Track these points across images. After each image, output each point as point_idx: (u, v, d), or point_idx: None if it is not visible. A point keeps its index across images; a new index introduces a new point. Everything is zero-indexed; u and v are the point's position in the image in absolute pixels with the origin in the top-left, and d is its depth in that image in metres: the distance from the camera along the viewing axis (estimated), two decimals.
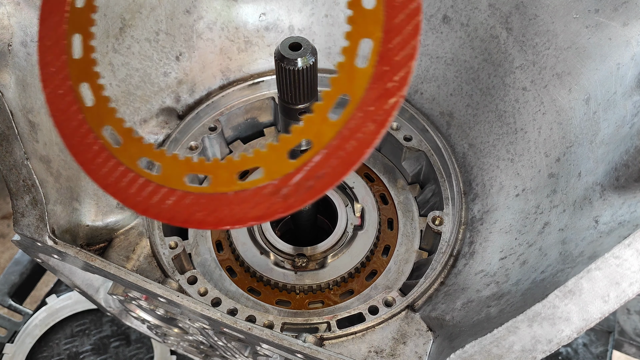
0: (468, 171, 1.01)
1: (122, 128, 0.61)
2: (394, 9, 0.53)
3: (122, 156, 0.60)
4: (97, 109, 0.63)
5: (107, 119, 0.63)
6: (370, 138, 0.54)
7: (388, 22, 0.54)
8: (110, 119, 0.62)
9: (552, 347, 0.58)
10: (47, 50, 0.64)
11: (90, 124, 0.63)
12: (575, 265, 0.65)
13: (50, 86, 0.63)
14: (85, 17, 0.63)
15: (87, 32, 0.63)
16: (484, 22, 0.99)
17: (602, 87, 0.81)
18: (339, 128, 0.55)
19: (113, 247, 0.93)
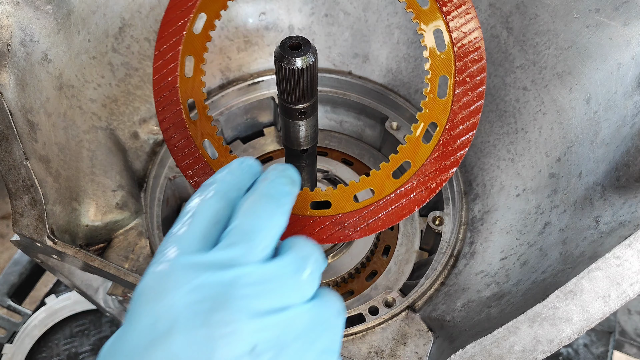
0: (468, 171, 1.01)
1: (219, 145, 0.73)
2: (460, 104, 0.66)
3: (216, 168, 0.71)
4: (199, 123, 0.75)
5: (207, 133, 0.75)
6: (421, 200, 0.67)
7: (454, 114, 0.66)
8: (211, 134, 0.74)
9: (553, 348, 0.58)
10: (161, 66, 0.74)
11: (193, 136, 0.74)
12: (576, 265, 0.65)
13: (160, 97, 0.74)
14: (200, 43, 0.75)
15: (200, 56, 0.75)
16: (484, 22, 0.99)
17: (603, 87, 0.80)
18: (398, 186, 0.68)
19: (112, 247, 0.93)
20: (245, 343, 0.42)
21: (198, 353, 0.40)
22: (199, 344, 0.41)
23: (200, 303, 0.42)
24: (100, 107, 0.97)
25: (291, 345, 0.44)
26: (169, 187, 1.05)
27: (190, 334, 0.41)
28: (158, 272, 0.46)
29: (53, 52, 0.87)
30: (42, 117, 0.84)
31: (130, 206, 0.95)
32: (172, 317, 0.42)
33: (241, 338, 0.42)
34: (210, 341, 0.41)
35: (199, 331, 0.41)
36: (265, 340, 0.43)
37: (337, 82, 1.14)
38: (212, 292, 0.43)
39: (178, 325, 0.41)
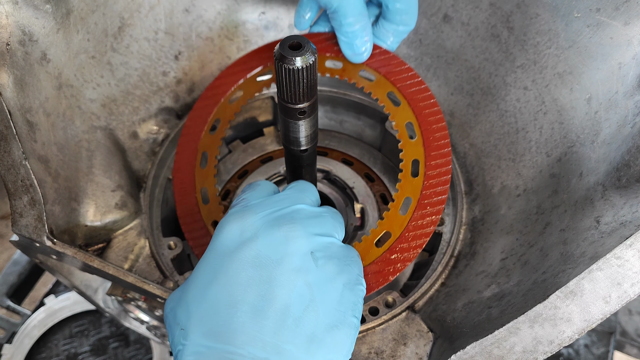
0: (469, 171, 1.01)
1: None
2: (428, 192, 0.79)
3: None
4: (210, 207, 0.90)
5: (216, 215, 0.90)
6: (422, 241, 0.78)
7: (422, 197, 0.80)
8: (219, 216, 0.89)
9: (554, 348, 0.58)
10: (181, 160, 0.91)
11: (204, 219, 0.89)
12: (577, 265, 0.65)
13: (179, 185, 0.91)
14: (214, 142, 0.92)
15: (214, 151, 0.91)
16: (485, 21, 0.98)
17: (604, 86, 0.80)
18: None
19: (112, 247, 0.92)
20: (307, 246, 0.61)
21: (276, 248, 0.60)
22: (276, 243, 0.60)
23: (274, 220, 0.63)
24: (100, 107, 0.97)
25: (335, 258, 0.63)
26: (169, 187, 1.05)
27: (269, 237, 0.60)
28: (239, 207, 0.67)
29: (52, 51, 0.87)
30: (41, 117, 0.84)
31: (130, 206, 0.95)
32: (254, 228, 0.61)
33: (304, 242, 0.61)
34: (284, 241, 0.60)
35: (275, 235, 0.61)
36: (319, 249, 0.62)
37: (337, 82, 1.13)
38: (281, 215, 0.64)
39: (259, 233, 0.61)
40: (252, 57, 0.96)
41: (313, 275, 0.60)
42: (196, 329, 0.56)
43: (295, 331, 0.56)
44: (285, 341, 0.55)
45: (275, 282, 0.58)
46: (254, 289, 0.57)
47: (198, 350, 0.55)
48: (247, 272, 0.58)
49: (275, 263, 0.59)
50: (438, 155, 0.80)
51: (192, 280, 0.61)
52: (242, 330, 0.55)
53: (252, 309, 0.56)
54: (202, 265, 0.61)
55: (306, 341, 0.56)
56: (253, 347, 0.54)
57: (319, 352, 0.57)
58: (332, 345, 0.58)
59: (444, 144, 0.81)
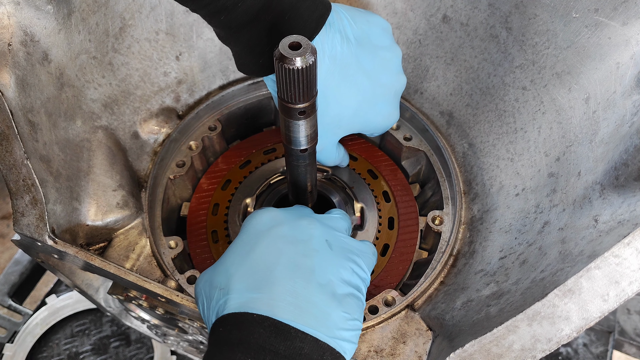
0: (468, 171, 1.01)
1: None
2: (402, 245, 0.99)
3: None
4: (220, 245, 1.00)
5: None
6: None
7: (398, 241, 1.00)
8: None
9: (552, 346, 0.58)
10: (194, 244, 1.00)
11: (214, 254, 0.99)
12: (575, 264, 0.66)
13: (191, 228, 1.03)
14: (219, 222, 1.03)
15: (222, 229, 1.02)
16: (484, 22, 0.99)
17: (602, 86, 0.81)
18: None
19: (113, 246, 0.93)
20: (323, 235, 0.76)
21: (301, 232, 0.75)
22: (300, 229, 0.76)
23: (297, 216, 0.79)
24: (101, 107, 0.98)
25: (346, 248, 0.78)
26: (170, 186, 1.05)
27: (294, 224, 0.76)
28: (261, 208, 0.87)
29: (53, 52, 0.87)
30: (43, 117, 0.85)
31: (131, 206, 0.95)
32: (282, 218, 0.78)
33: (321, 231, 0.76)
34: (306, 228, 0.76)
35: (299, 223, 0.77)
36: (332, 239, 0.77)
37: None
38: (302, 214, 0.81)
39: (286, 221, 0.77)
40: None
41: (328, 254, 0.74)
42: (238, 285, 0.69)
43: (320, 289, 0.69)
44: (313, 294, 0.68)
45: (301, 253, 0.72)
46: (285, 257, 0.71)
47: (242, 300, 0.67)
48: (278, 245, 0.73)
49: (300, 241, 0.74)
50: (407, 213, 1.02)
51: (228, 254, 0.75)
52: (279, 283, 0.68)
53: (285, 269, 0.70)
54: (237, 242, 0.76)
55: (329, 297, 0.69)
56: (289, 296, 0.67)
57: (339, 308, 0.69)
58: (347, 306, 0.70)
59: (411, 205, 1.03)
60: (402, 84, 0.96)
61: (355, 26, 0.88)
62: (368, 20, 0.90)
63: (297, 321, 0.65)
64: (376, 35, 0.91)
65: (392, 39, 0.95)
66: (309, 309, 0.67)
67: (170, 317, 1.00)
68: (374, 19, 0.92)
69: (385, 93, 0.94)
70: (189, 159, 1.07)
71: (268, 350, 0.62)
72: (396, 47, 0.95)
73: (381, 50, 0.91)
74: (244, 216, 1.04)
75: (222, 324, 0.67)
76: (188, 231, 1.01)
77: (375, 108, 0.93)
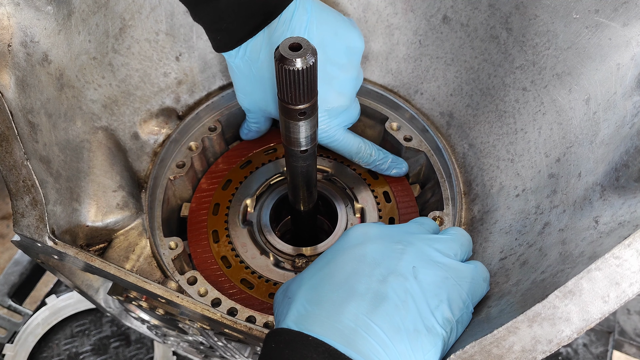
0: (468, 171, 1.01)
1: (236, 261, 0.99)
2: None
3: (231, 276, 0.98)
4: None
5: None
6: None
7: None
8: (228, 253, 1.01)
9: (552, 348, 0.58)
10: (195, 244, 1.01)
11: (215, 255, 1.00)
12: (575, 265, 0.66)
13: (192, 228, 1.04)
14: (220, 222, 1.03)
15: (223, 229, 1.02)
16: (484, 22, 0.99)
17: (602, 87, 0.81)
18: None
19: (113, 247, 0.93)
20: (412, 261, 0.70)
21: (382, 255, 0.71)
22: (385, 250, 0.71)
23: (390, 235, 0.74)
24: (101, 108, 0.97)
25: (439, 276, 0.71)
26: (170, 187, 1.05)
27: (381, 244, 0.72)
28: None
29: (53, 52, 0.87)
30: (43, 118, 0.85)
31: (131, 206, 0.95)
32: (372, 234, 0.74)
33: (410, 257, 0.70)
34: (393, 250, 0.71)
35: (386, 243, 0.72)
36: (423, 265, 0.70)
37: None
38: (401, 230, 0.77)
39: (375, 239, 0.73)
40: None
41: (410, 284, 0.67)
42: (302, 297, 0.67)
43: (384, 318, 0.64)
44: (377, 322, 0.63)
45: (378, 278, 0.67)
46: (358, 278, 0.67)
47: (300, 311, 0.66)
48: (356, 262, 0.70)
49: (382, 264, 0.69)
50: (408, 214, 1.04)
51: (309, 267, 0.74)
52: (343, 304, 0.65)
53: (353, 291, 0.66)
54: (323, 256, 0.75)
55: (392, 330, 0.63)
56: (350, 321, 0.63)
57: (401, 343, 0.63)
58: (414, 343, 0.64)
59: (411, 206, 1.05)
60: (340, 103, 0.94)
61: (316, 31, 0.86)
62: (336, 33, 0.87)
63: (352, 349, 0.61)
64: (335, 50, 0.87)
65: (355, 60, 0.91)
66: (368, 337, 0.62)
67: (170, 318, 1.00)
68: (346, 32, 0.89)
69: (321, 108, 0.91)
70: (189, 159, 1.07)
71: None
72: (353, 70, 0.92)
73: (331, 64, 0.89)
74: (244, 217, 1.04)
75: (276, 339, 0.64)
76: (189, 231, 1.01)
77: None
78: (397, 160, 1.07)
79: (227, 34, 0.86)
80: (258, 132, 1.10)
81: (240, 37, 0.86)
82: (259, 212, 1.05)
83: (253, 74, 0.92)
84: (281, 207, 1.10)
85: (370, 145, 1.04)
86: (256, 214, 1.05)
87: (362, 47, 0.93)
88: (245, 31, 0.85)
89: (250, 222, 1.04)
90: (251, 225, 1.03)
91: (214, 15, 0.84)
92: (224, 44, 0.88)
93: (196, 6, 0.84)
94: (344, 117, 0.97)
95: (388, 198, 1.06)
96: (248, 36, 0.86)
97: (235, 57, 0.91)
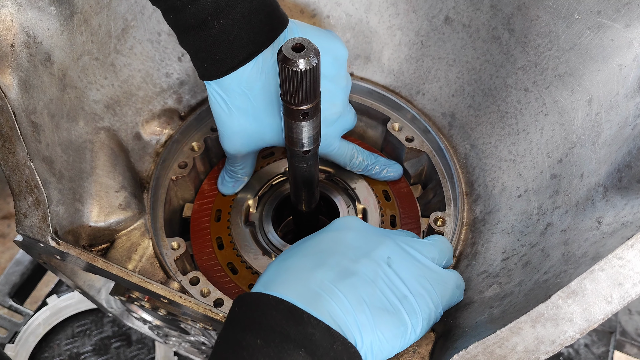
0: (470, 172, 1.01)
1: (241, 265, 1.00)
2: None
3: (239, 282, 0.98)
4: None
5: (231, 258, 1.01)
6: None
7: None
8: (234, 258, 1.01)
9: (556, 348, 0.58)
10: (199, 251, 1.01)
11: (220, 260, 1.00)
12: (578, 266, 0.66)
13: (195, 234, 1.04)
14: (223, 228, 1.03)
15: (226, 235, 1.02)
16: (486, 23, 0.99)
17: (605, 88, 0.81)
18: None
19: (115, 247, 0.93)
20: (386, 251, 0.73)
21: (360, 242, 0.74)
22: (364, 238, 0.74)
23: (371, 229, 0.78)
24: (103, 108, 0.98)
25: (412, 272, 0.73)
26: (172, 188, 1.05)
27: (362, 233, 0.75)
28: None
29: (56, 53, 0.87)
30: (46, 118, 0.85)
31: (133, 207, 0.95)
32: (355, 225, 0.77)
33: (385, 249, 0.73)
34: (371, 240, 0.74)
35: (366, 234, 0.75)
36: (397, 258, 0.73)
37: None
38: (385, 230, 0.80)
39: (357, 229, 0.76)
40: None
41: (380, 269, 0.70)
42: (273, 266, 0.71)
43: (350, 288, 0.66)
44: (342, 290, 0.66)
45: (351, 258, 0.70)
46: (332, 256, 0.70)
47: (269, 277, 0.69)
48: (333, 244, 0.73)
49: (358, 249, 0.72)
50: (410, 214, 1.05)
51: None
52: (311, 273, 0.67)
53: (325, 264, 0.69)
54: (306, 237, 0.78)
55: (356, 299, 0.66)
56: (316, 286, 0.66)
57: (363, 313, 0.65)
58: (377, 319, 0.66)
59: (413, 207, 1.06)
60: (338, 114, 0.95)
61: None
62: (322, 48, 0.87)
63: (313, 309, 0.63)
64: (324, 64, 0.86)
65: (342, 69, 0.92)
66: (330, 300, 0.65)
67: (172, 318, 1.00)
68: (330, 44, 0.89)
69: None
70: (191, 160, 1.07)
71: (278, 332, 0.61)
72: (342, 80, 0.92)
73: (323, 79, 0.86)
74: (247, 217, 1.05)
75: (239, 304, 0.67)
76: (192, 238, 1.01)
77: None
78: (389, 163, 1.07)
79: (217, 62, 0.83)
80: (246, 178, 1.07)
81: (233, 64, 0.83)
82: (261, 212, 1.05)
83: (250, 101, 0.88)
84: (283, 208, 1.10)
85: (362, 151, 1.05)
86: (258, 215, 1.05)
87: (346, 55, 0.93)
88: (238, 59, 0.83)
89: (253, 222, 1.04)
90: (253, 225, 1.04)
91: (203, 43, 0.81)
92: (214, 72, 0.84)
93: (186, 33, 0.81)
94: (338, 125, 0.98)
95: (389, 198, 1.06)
96: (241, 64, 0.84)
97: (228, 86, 0.86)
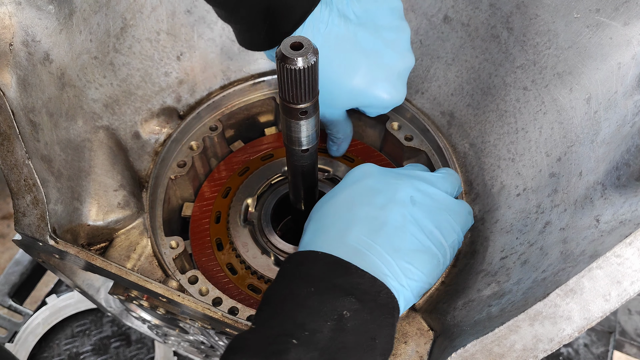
0: (469, 171, 1.01)
1: (241, 267, 0.99)
2: None
3: (238, 283, 0.98)
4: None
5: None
6: None
7: None
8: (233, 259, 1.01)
9: (554, 346, 0.58)
10: (199, 253, 1.01)
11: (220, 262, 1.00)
12: (577, 264, 0.66)
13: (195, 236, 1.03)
14: (222, 230, 1.03)
15: (226, 238, 1.02)
16: (485, 22, 0.99)
17: (603, 86, 0.81)
18: None
19: (114, 246, 0.93)
20: (408, 191, 0.79)
21: (381, 187, 0.79)
22: (383, 182, 0.80)
23: (387, 172, 0.83)
24: (102, 107, 0.98)
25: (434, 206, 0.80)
26: (171, 186, 1.05)
27: (379, 179, 0.81)
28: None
29: (55, 52, 0.87)
30: (44, 117, 0.85)
31: (132, 206, 0.95)
32: (372, 172, 0.83)
33: (407, 189, 0.79)
34: (390, 183, 0.80)
35: (384, 178, 0.81)
36: (419, 196, 0.79)
37: None
38: (399, 170, 0.86)
39: (373, 175, 0.82)
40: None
41: (407, 210, 0.76)
42: (310, 229, 0.78)
43: (385, 239, 0.73)
44: (378, 242, 0.72)
45: (378, 206, 0.76)
46: (359, 207, 0.76)
47: (309, 238, 0.76)
48: (358, 195, 0.78)
49: (381, 194, 0.77)
50: None
51: (316, 205, 0.82)
52: (347, 229, 0.73)
53: (356, 217, 0.75)
54: (327, 193, 0.83)
55: (392, 249, 0.72)
56: (355, 241, 0.72)
57: (402, 259, 0.72)
58: (413, 258, 0.73)
59: None
60: (408, 64, 0.95)
61: (358, 5, 0.87)
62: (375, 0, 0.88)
63: (357, 263, 0.69)
64: (382, 15, 0.89)
65: (401, 18, 0.93)
66: (370, 254, 0.70)
67: (171, 317, 1.00)
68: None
69: (387, 74, 0.93)
70: (190, 159, 1.07)
71: (327, 281, 0.66)
72: (404, 27, 0.93)
73: (385, 30, 0.90)
74: (246, 216, 1.05)
75: (290, 261, 0.72)
76: (192, 240, 1.01)
77: (375, 88, 0.92)
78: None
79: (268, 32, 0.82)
80: (347, 139, 1.08)
81: (302, 13, 0.81)
82: (260, 211, 1.05)
83: (344, 42, 0.87)
84: (282, 207, 1.10)
85: None
86: (257, 214, 1.05)
87: (401, 4, 0.93)
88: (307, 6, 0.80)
89: (252, 221, 1.04)
90: (252, 225, 1.03)
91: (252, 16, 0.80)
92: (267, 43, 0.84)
93: (230, 10, 0.81)
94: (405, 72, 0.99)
95: None
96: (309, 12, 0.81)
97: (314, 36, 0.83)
